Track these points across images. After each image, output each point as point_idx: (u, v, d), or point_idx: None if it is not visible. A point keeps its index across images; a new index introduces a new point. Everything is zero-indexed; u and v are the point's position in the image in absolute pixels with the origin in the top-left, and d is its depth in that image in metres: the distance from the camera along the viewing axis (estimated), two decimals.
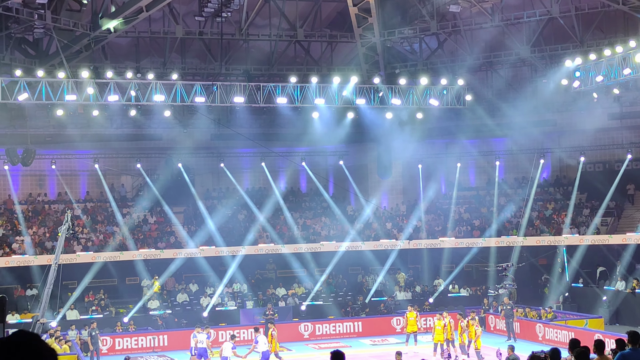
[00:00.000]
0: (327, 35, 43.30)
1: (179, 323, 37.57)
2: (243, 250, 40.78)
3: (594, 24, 39.50)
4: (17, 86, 34.17)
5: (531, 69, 43.85)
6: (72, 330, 33.02)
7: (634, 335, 12.50)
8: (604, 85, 36.80)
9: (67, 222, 24.87)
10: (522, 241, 41.79)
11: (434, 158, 47.29)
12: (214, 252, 40.65)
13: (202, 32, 40.58)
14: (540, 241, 41.57)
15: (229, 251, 40.73)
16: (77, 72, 35.54)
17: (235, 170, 45.48)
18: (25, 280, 38.49)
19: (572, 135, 44.15)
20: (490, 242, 42.30)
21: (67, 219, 25.11)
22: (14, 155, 37.69)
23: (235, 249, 40.80)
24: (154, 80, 36.40)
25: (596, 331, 30.75)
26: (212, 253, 40.65)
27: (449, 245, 42.97)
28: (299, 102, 38.71)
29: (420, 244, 43.08)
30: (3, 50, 36.19)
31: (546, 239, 41.59)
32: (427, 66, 43.16)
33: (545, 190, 45.61)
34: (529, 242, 41.80)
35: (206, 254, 40.54)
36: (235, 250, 40.76)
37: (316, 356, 32.10)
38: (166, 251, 40.18)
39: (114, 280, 40.07)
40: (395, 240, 43.10)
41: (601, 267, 40.61)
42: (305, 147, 44.17)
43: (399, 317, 37.16)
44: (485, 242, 42.37)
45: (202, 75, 41.23)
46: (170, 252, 40.15)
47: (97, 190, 44.59)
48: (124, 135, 41.45)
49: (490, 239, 42.33)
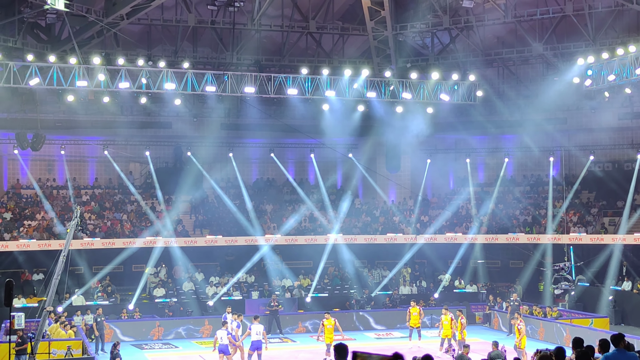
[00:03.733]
0: (339, 27, 43.22)
1: (185, 312, 37.65)
2: (249, 240, 40.80)
3: (607, 22, 39.30)
4: (28, 71, 34.25)
5: (543, 67, 43.69)
6: (78, 315, 33.12)
7: (617, 338, 12.54)
8: (616, 85, 36.65)
9: (76, 218, 24.91)
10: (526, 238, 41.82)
11: (443, 153, 47.21)
12: (220, 241, 40.69)
13: (214, 21, 40.55)
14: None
15: (235, 241, 40.77)
16: (88, 59, 35.58)
17: (244, 160, 45.51)
18: (32, 264, 38.61)
19: (582, 134, 44.06)
20: (497, 238, 42.25)
21: (76, 215, 25.14)
22: (23, 140, 37.77)
23: (241, 239, 40.84)
24: (165, 69, 36.42)
25: (601, 331, 30.66)
26: (218, 242, 40.70)
27: (455, 240, 42.91)
28: (310, 94, 38.68)
29: (427, 239, 43.00)
30: (15, 35, 36.24)
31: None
32: (438, 61, 43.07)
33: (554, 189, 45.49)
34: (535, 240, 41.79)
35: (213, 243, 40.60)
36: (242, 241, 40.79)
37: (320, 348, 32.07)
38: (171, 239, 40.22)
39: (120, 267, 40.17)
40: (402, 235, 43.05)
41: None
42: (315, 139, 44.14)
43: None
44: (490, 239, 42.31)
45: (213, 65, 41.20)
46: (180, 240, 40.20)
47: (105, 177, 44.68)
48: (133, 123, 41.48)
49: (497, 236, 42.28)
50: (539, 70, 44.11)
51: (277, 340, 33.62)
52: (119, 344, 24.44)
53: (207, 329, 35.38)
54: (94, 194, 43.32)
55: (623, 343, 12.56)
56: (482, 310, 38.89)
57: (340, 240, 42.15)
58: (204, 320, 35.96)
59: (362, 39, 43.54)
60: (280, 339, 34.51)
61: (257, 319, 28.45)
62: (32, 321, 28.48)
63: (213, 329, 35.05)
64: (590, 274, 40.35)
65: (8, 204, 40.74)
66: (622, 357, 12.21)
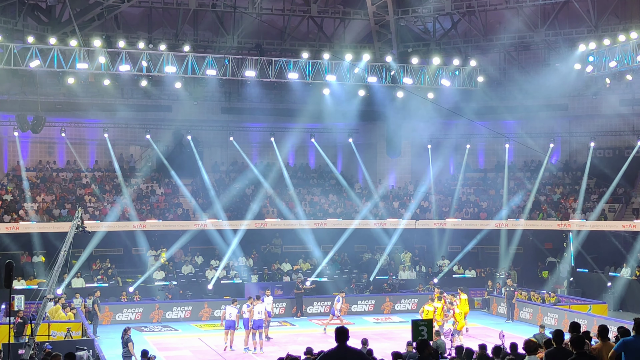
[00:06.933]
0: (340, 11, 43.12)
1: (184, 295, 37.75)
2: (249, 224, 40.85)
3: (610, 9, 39.25)
4: (29, 53, 34.22)
5: (544, 52, 43.60)
6: (77, 298, 33.20)
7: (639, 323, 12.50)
8: (617, 71, 36.63)
9: (77, 218, 25.02)
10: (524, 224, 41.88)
11: (444, 139, 47.19)
12: (220, 225, 40.74)
13: (215, 4, 40.44)
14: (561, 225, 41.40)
15: (236, 225, 40.82)
16: (89, 41, 35.55)
17: (244, 144, 45.49)
18: (31, 247, 38.66)
19: (583, 120, 44.05)
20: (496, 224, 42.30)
21: (77, 215, 25.25)
22: (24, 122, 37.74)
23: (241, 222, 40.88)
24: (165, 52, 36.39)
25: (598, 316, 30.78)
26: (219, 226, 40.74)
27: (454, 226, 42.98)
28: (311, 78, 38.64)
29: (426, 224, 43.05)
30: (16, 17, 36.17)
31: (554, 223, 41.57)
32: (439, 46, 43.00)
33: (554, 175, 45.53)
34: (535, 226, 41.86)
35: (213, 227, 40.64)
36: (242, 224, 40.83)
37: (319, 332, 32.20)
38: (173, 223, 40.31)
39: (120, 249, 40.24)
40: (401, 220, 43.05)
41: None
42: (315, 123, 44.13)
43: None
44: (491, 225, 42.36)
45: (213, 48, 41.13)
46: (178, 224, 40.25)
47: (105, 160, 44.66)
48: (134, 106, 41.46)
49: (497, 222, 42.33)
50: (541, 56, 44.02)
51: (276, 324, 33.72)
52: (130, 330, 24.51)
53: (206, 312, 35.53)
54: (95, 177, 43.33)
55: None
56: (481, 296, 38.98)
57: (340, 225, 42.15)
58: (203, 303, 36.06)
59: (364, 23, 43.44)
60: (279, 323, 34.61)
61: (259, 298, 29.18)
62: (32, 303, 28.56)
63: (212, 312, 35.29)
64: (589, 260, 40.43)
65: (8, 186, 40.75)
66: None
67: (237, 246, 40.52)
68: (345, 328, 10.51)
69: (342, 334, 10.42)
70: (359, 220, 42.44)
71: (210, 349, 29.25)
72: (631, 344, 12.15)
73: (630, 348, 12.05)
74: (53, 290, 24.82)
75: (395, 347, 18.65)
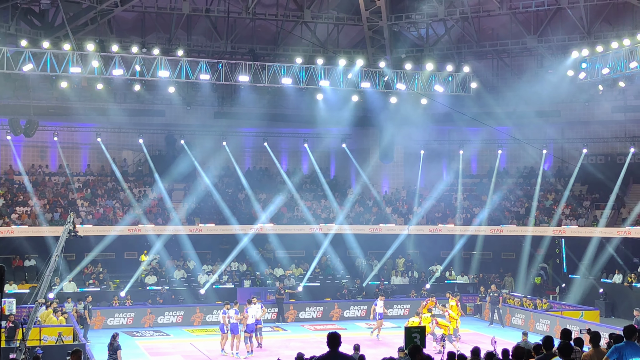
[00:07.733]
0: (334, 17, 43.13)
1: (176, 300, 37.66)
2: (242, 229, 40.77)
3: (602, 16, 39.36)
4: (22, 57, 34.14)
5: (537, 59, 43.69)
6: (69, 302, 33.09)
7: (629, 330, 12.57)
8: (610, 78, 36.72)
9: (69, 223, 24.99)
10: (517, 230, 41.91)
11: (437, 144, 47.22)
12: (213, 230, 40.70)
13: (209, 9, 40.44)
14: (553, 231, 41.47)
15: (228, 230, 40.77)
16: (82, 45, 35.47)
17: (237, 149, 45.41)
18: (23, 251, 38.50)
19: (575, 127, 44.11)
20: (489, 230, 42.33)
21: (69, 220, 25.23)
22: (16, 126, 37.62)
23: (233, 227, 40.82)
24: (159, 56, 36.36)
25: (590, 323, 30.79)
26: (211, 231, 40.69)
27: (447, 232, 42.98)
28: (304, 84, 38.63)
29: (420, 230, 43.03)
30: (9, 21, 36.10)
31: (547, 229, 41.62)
32: (433, 52, 43.03)
33: (546, 181, 45.57)
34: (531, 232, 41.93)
35: (205, 231, 40.59)
36: (234, 229, 40.77)
37: (311, 337, 32.17)
38: (166, 227, 40.19)
39: (112, 254, 40.11)
40: (394, 225, 43.05)
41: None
42: (309, 128, 44.07)
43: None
44: (483, 231, 42.39)
45: (207, 53, 41.12)
46: (171, 229, 40.15)
47: (98, 164, 44.57)
48: (127, 110, 41.37)
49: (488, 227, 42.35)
50: (534, 62, 44.10)
51: (268, 329, 33.66)
52: (118, 335, 24.41)
53: (198, 317, 35.48)
54: (87, 181, 43.21)
55: (635, 336, 12.58)
56: (474, 302, 38.97)
57: (333, 230, 42.11)
58: (195, 308, 35.99)
59: (357, 29, 43.47)
60: (271, 328, 34.55)
61: (251, 303, 29.24)
62: (24, 307, 28.46)
63: (204, 317, 35.25)
64: (581, 266, 40.47)
65: (0, 190, 40.61)
66: (632, 348, 12.25)
67: (229, 251, 40.46)
68: (338, 333, 10.49)
69: (334, 339, 10.39)
70: (350, 225, 42.41)
71: (202, 354, 29.20)
72: (623, 350, 12.20)
73: (622, 354, 12.09)
74: (44, 294, 24.78)
75: (387, 353, 18.64)
